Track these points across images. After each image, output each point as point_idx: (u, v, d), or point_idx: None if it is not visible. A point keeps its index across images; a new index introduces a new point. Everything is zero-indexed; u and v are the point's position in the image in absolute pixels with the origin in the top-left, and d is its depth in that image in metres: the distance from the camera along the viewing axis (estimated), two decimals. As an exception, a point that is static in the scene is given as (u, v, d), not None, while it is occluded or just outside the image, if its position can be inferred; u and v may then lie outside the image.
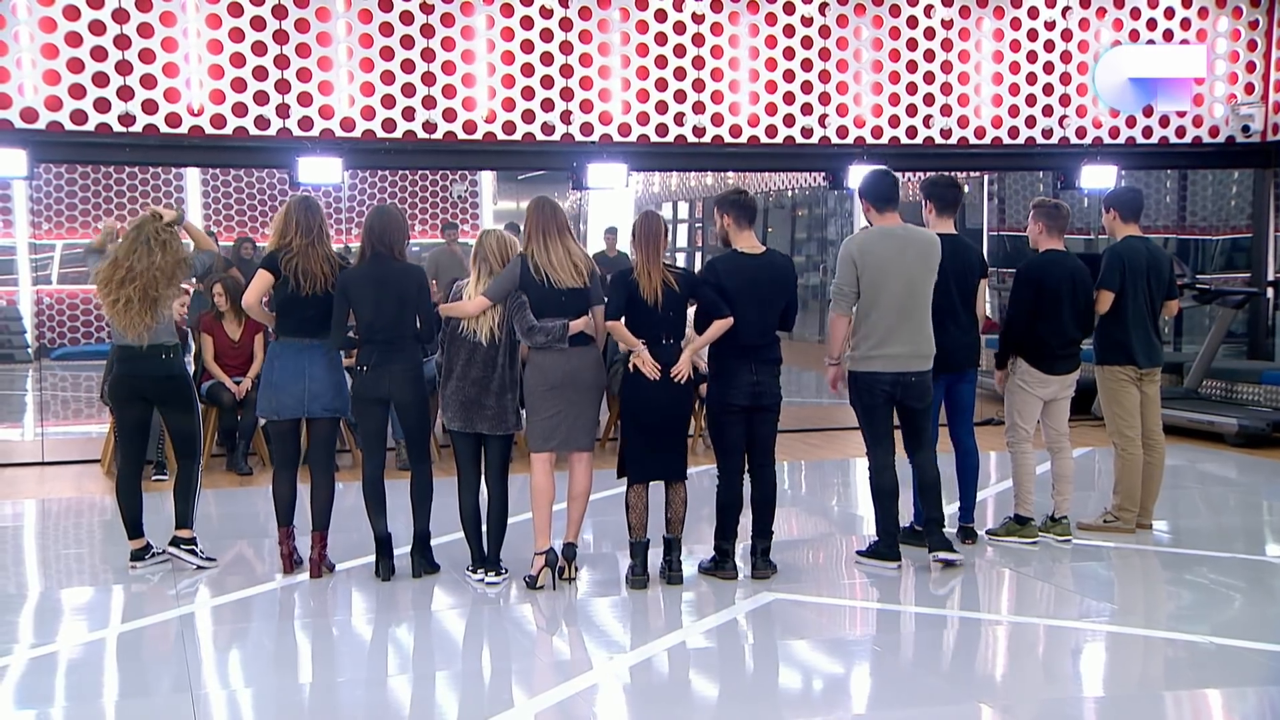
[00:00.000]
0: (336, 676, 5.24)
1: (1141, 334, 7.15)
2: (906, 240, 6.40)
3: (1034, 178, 14.61)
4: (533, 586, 6.15)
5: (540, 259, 6.06)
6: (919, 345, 6.40)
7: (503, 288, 6.09)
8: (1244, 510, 8.50)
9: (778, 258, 6.35)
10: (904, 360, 6.37)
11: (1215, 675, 5.18)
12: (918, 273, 6.36)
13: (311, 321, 6.27)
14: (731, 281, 6.17)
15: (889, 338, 6.33)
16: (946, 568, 6.48)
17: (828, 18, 10.82)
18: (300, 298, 6.21)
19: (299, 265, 6.19)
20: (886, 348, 6.34)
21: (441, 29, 10.02)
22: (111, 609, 6.11)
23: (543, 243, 6.08)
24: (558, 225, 6.11)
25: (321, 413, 6.33)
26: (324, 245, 6.29)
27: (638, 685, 5.12)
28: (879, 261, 6.32)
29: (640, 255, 6.12)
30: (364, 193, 16.42)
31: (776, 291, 6.27)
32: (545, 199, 6.25)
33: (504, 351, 6.16)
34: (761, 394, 6.24)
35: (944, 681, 5.14)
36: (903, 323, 6.34)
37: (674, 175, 17.95)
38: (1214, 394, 11.01)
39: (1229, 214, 14.05)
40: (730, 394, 6.22)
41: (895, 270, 6.32)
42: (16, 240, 15.91)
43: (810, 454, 9.96)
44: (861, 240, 6.44)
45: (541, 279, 6.05)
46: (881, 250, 6.35)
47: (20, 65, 9.25)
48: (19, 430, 12.49)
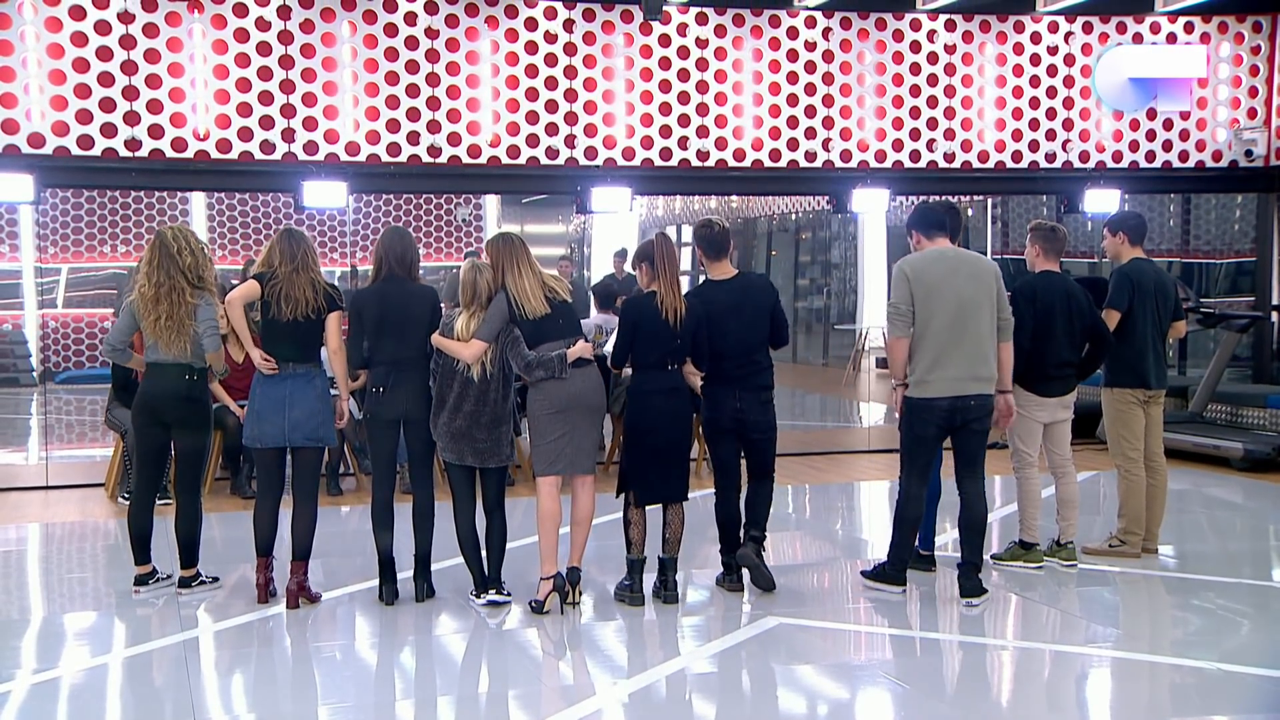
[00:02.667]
0: (341, 702, 5.22)
1: (1153, 355, 7.16)
2: (959, 261, 6.37)
3: (1037, 201, 14.64)
4: (539, 611, 6.13)
5: (516, 291, 6.07)
6: (976, 368, 6.28)
7: (494, 327, 6.10)
8: (1250, 535, 8.47)
9: (752, 278, 6.44)
10: (961, 383, 6.26)
11: (1223, 702, 5.15)
12: (970, 293, 6.27)
13: (294, 347, 6.24)
14: (709, 310, 6.24)
15: (943, 359, 6.24)
16: (969, 608, 6.37)
17: (831, 42, 10.87)
18: (281, 323, 6.20)
19: (281, 290, 6.18)
20: (941, 370, 6.24)
21: (446, 54, 10.07)
22: (115, 634, 6.10)
23: (515, 274, 6.10)
24: (524, 256, 6.13)
25: (304, 442, 6.28)
26: (309, 272, 6.24)
27: (642, 710, 5.10)
28: (933, 280, 6.27)
29: (664, 277, 6.17)
30: (369, 216, 16.48)
31: (756, 312, 6.30)
32: (502, 234, 6.32)
33: (496, 385, 6.16)
34: (744, 421, 6.29)
35: (950, 707, 5.11)
36: (956, 344, 6.24)
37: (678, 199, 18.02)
38: (1219, 418, 10.99)
39: (1233, 238, 14.05)
40: (716, 416, 6.34)
41: (948, 290, 6.25)
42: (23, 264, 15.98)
43: (815, 478, 9.94)
44: (915, 260, 6.39)
45: (524, 313, 6.07)
46: (934, 271, 6.30)
47: (28, 91, 9.30)
48: (23, 454, 12.51)
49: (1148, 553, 7.22)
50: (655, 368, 6.19)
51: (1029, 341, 6.85)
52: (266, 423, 6.25)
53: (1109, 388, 7.24)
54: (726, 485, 6.43)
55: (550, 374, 6.05)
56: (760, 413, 6.34)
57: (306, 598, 6.32)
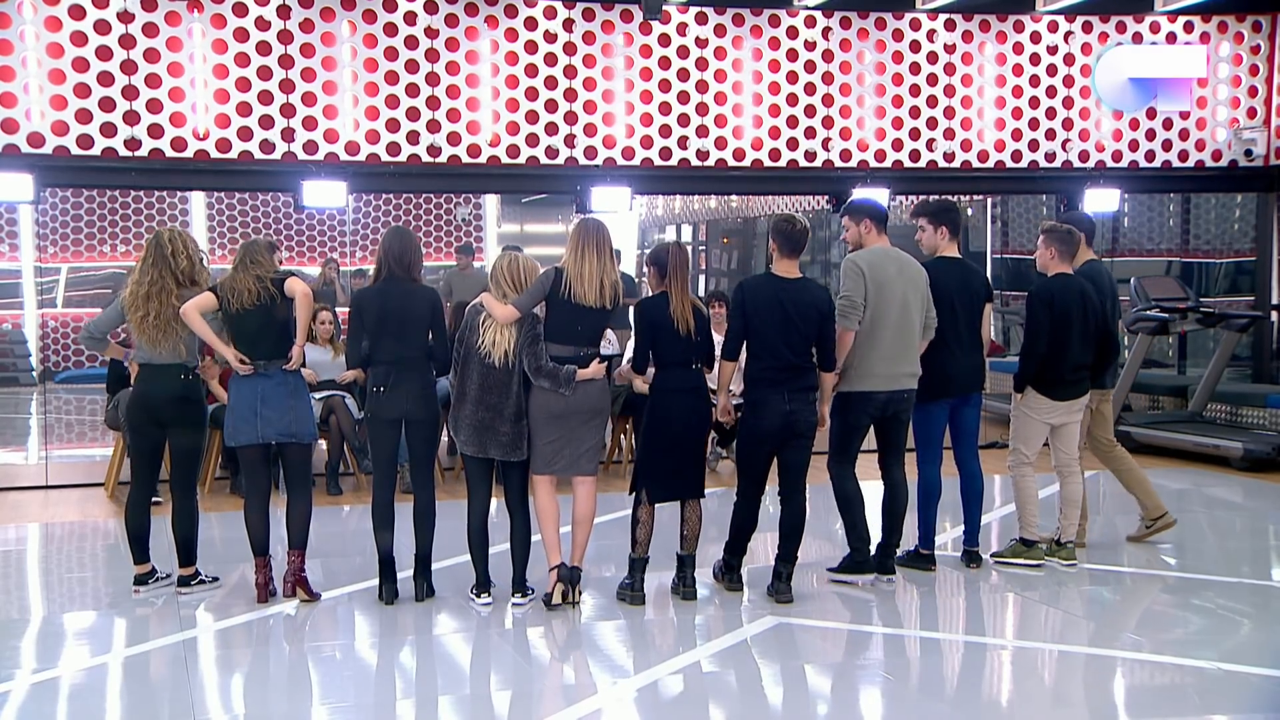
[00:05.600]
0: (340, 701, 5.22)
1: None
2: (901, 262, 6.55)
3: (1037, 201, 14.63)
4: (549, 605, 6.15)
5: (573, 271, 6.07)
6: (910, 364, 6.55)
7: (533, 299, 6.09)
8: (1250, 535, 8.47)
9: (814, 286, 6.34)
10: (898, 379, 6.49)
11: (1223, 701, 5.15)
12: (910, 294, 6.49)
13: (255, 343, 6.25)
14: (757, 303, 6.20)
15: (888, 355, 6.43)
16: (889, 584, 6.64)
17: (831, 42, 10.86)
18: (233, 314, 6.22)
19: (226, 286, 6.23)
20: (886, 365, 6.43)
21: (446, 53, 10.06)
22: (115, 633, 6.09)
23: (578, 255, 6.10)
24: (597, 243, 6.13)
25: (277, 438, 6.30)
26: (256, 267, 6.25)
27: (642, 710, 5.09)
28: (884, 278, 6.43)
29: (676, 284, 6.18)
30: (369, 216, 16.46)
31: (806, 319, 6.19)
32: (592, 219, 6.36)
33: (518, 377, 6.12)
34: (796, 422, 6.23)
35: (950, 707, 5.11)
36: (897, 340, 6.46)
37: (677, 198, 18.01)
38: (1219, 418, 10.98)
39: (1232, 237, 14.05)
40: (764, 424, 6.22)
41: (896, 289, 6.44)
42: (22, 264, 15.96)
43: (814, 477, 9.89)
44: (867, 257, 6.51)
45: (568, 294, 6.05)
46: (886, 269, 6.46)
47: (27, 90, 9.29)
48: (23, 454, 12.50)
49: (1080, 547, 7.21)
50: (679, 366, 6.20)
51: (1045, 346, 6.85)
52: (241, 420, 6.28)
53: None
54: (755, 493, 6.40)
55: (555, 387, 6.05)
56: (809, 414, 6.31)
57: (304, 589, 6.32)
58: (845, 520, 6.61)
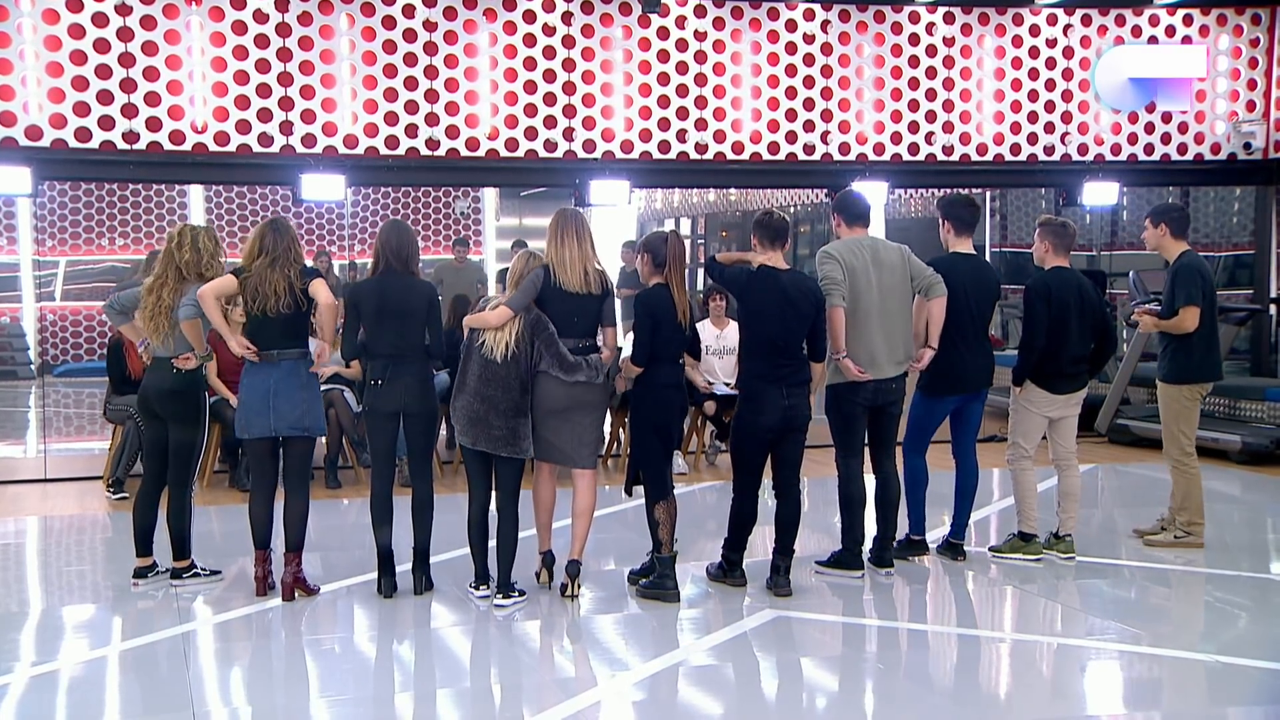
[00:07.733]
0: (339, 694, 5.22)
1: (1218, 349, 7.17)
2: (875, 249, 6.52)
3: (1036, 194, 14.62)
4: (538, 580, 6.28)
5: (555, 258, 6.08)
6: (895, 351, 6.49)
7: (526, 297, 6.09)
8: (1249, 527, 8.47)
9: (806, 276, 6.35)
10: (883, 368, 6.45)
11: (1222, 694, 5.16)
12: (886, 279, 6.45)
13: (276, 336, 6.22)
14: (758, 292, 6.20)
15: (868, 344, 6.40)
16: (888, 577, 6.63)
17: (830, 34, 10.85)
18: (255, 316, 6.20)
19: (253, 285, 6.16)
20: (869, 354, 6.40)
21: (444, 46, 10.05)
22: (113, 627, 6.09)
23: (558, 242, 6.11)
24: (575, 229, 6.14)
25: (289, 431, 6.27)
26: (287, 266, 6.17)
27: (641, 703, 5.10)
28: (856, 266, 6.40)
29: (674, 276, 6.18)
30: (367, 209, 16.45)
31: (803, 306, 6.19)
32: (567, 208, 6.36)
33: (518, 374, 6.08)
34: (793, 416, 6.22)
35: (948, 700, 5.12)
36: (879, 328, 6.42)
37: (676, 191, 17.99)
38: (1218, 411, 10.99)
39: (1231, 231, 14.05)
40: (763, 419, 6.20)
41: (870, 276, 6.41)
42: (20, 257, 15.94)
43: (812, 470, 9.90)
44: (837, 246, 6.52)
45: (556, 284, 6.05)
46: (858, 258, 6.44)
47: (25, 83, 9.28)
48: (21, 447, 12.49)
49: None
50: (670, 361, 6.20)
51: (1044, 339, 6.84)
52: (253, 413, 6.26)
53: (1178, 384, 7.18)
54: (753, 485, 6.38)
55: (591, 378, 6.07)
56: (806, 409, 6.30)
57: (303, 589, 6.31)
58: (844, 519, 6.61)
